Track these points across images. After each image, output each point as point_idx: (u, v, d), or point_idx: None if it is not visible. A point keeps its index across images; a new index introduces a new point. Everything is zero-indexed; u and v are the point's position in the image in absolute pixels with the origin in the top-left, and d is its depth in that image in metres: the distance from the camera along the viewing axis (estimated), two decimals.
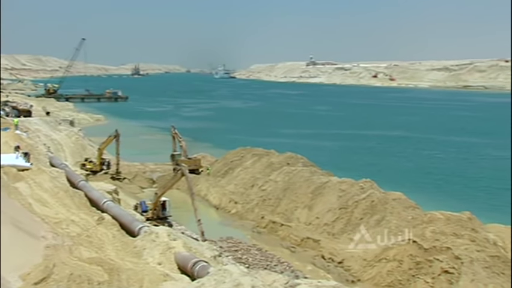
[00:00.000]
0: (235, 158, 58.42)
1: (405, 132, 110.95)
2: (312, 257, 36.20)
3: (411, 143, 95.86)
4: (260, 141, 73.41)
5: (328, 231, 38.55)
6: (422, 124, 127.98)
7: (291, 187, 45.74)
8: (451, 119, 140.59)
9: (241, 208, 47.86)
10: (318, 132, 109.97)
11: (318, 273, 33.58)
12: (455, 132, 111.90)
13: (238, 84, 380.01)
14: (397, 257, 30.58)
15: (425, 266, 28.92)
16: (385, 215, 36.31)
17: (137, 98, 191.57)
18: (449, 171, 69.50)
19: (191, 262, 22.73)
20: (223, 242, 39.33)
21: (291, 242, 39.19)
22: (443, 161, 77.36)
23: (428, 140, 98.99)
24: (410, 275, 29.20)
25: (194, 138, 78.00)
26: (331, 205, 40.53)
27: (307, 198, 43.02)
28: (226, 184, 53.91)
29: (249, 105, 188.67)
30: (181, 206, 45.40)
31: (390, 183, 48.20)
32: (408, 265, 29.66)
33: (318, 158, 60.00)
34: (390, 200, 38.26)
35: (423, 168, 71.04)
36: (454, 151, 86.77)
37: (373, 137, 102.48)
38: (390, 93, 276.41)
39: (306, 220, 41.21)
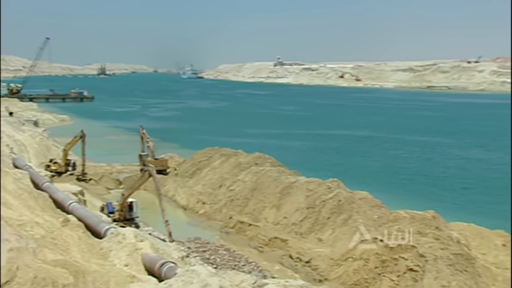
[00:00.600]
0: (203, 158, 58.24)
1: (371, 132, 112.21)
2: (280, 257, 36.34)
3: (377, 142, 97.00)
4: (228, 142, 73.35)
5: (296, 230, 38.76)
6: (388, 124, 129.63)
7: (259, 187, 45.83)
8: (415, 119, 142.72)
9: (209, 208, 47.74)
10: (286, 132, 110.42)
11: (285, 272, 33.72)
12: (420, 132, 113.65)
13: (206, 84, 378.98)
14: (363, 256, 30.91)
15: (391, 265, 29.30)
16: (352, 214, 36.70)
17: (104, 98, 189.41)
18: (414, 170, 70.61)
19: (158, 263, 22.56)
20: (191, 242, 39.16)
21: (259, 242, 39.26)
22: (408, 161, 78.54)
23: (394, 140, 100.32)
24: (376, 274, 29.55)
25: (161, 139, 77.47)
26: (299, 205, 40.75)
27: (275, 198, 43.17)
28: (194, 184, 53.70)
29: (217, 105, 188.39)
30: (149, 207, 45.04)
31: (357, 183, 48.75)
32: (374, 264, 30.00)
33: (285, 158, 60.30)
34: (357, 199, 38.69)
35: (389, 168, 72.00)
36: (419, 151, 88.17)
37: (340, 137, 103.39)
38: (356, 93, 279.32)
39: (274, 220, 41.35)
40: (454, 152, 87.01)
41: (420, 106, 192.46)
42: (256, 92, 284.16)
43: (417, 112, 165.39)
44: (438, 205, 41.57)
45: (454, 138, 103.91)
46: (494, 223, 37.40)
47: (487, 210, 49.07)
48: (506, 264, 30.47)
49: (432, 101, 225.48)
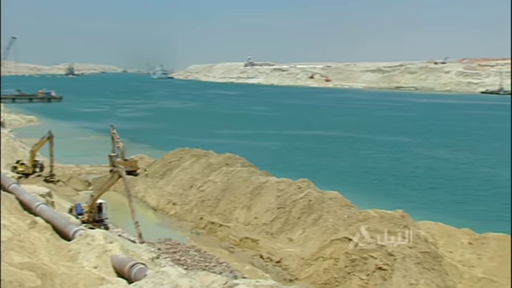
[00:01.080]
0: (174, 158, 57.95)
1: (341, 132, 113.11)
2: (251, 257, 36.39)
3: (347, 143, 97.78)
4: (199, 142, 73.12)
5: (266, 230, 38.87)
6: (357, 124, 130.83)
7: (230, 187, 45.80)
8: (384, 119, 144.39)
9: (180, 209, 47.53)
10: (257, 132, 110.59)
11: (256, 272, 33.79)
12: (389, 132, 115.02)
13: (176, 85, 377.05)
14: (333, 255, 31.17)
15: (360, 264, 29.62)
16: (322, 214, 36.96)
17: (72, 99, 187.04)
18: (383, 170, 71.38)
19: (128, 265, 22.34)
20: (162, 243, 38.94)
21: (230, 242, 39.25)
22: (377, 161, 79.37)
23: (364, 140, 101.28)
24: (346, 273, 29.83)
25: (131, 139, 76.86)
26: (269, 205, 40.86)
27: (246, 199, 43.20)
28: (164, 185, 53.40)
29: (188, 105, 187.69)
30: (119, 208, 44.60)
31: (327, 183, 49.08)
32: (344, 263, 30.28)
33: (256, 159, 60.42)
34: (327, 199, 38.99)
35: (359, 168, 72.65)
36: (388, 151, 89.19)
37: (310, 137, 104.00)
38: (326, 93, 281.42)
39: (245, 220, 41.39)
40: (422, 151, 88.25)
41: (389, 106, 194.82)
42: (227, 92, 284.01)
43: (386, 112, 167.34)
44: (407, 204, 42.18)
45: (422, 138, 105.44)
46: (461, 222, 38.10)
47: (453, 209, 49.96)
48: (472, 262, 31.08)
49: (400, 101, 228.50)
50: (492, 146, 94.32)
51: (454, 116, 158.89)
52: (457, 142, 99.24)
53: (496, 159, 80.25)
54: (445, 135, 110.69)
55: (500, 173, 68.80)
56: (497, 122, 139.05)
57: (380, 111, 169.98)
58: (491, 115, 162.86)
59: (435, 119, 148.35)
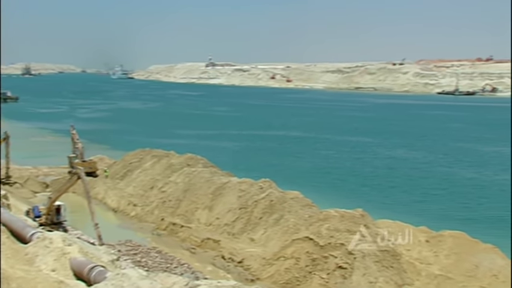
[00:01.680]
0: (134, 159, 57.36)
1: (302, 132, 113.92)
2: (213, 258, 36.32)
3: (308, 143, 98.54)
4: (160, 143, 72.54)
5: (228, 231, 38.85)
6: (319, 124, 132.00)
7: (191, 188, 45.60)
8: (345, 119, 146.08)
9: (141, 210, 47.08)
10: (218, 133, 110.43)
11: (218, 273, 33.74)
12: (349, 132, 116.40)
13: (137, 85, 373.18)
14: (295, 255, 31.38)
15: (321, 263, 29.92)
16: (283, 214, 37.16)
17: (29, 99, 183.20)
18: (344, 170, 72.17)
19: (87, 267, 21.99)
20: (122, 245, 38.48)
21: (192, 243, 39.09)
22: (338, 161, 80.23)
23: (325, 140, 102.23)
24: (307, 272, 30.08)
25: (91, 140, 75.69)
26: (231, 205, 40.86)
27: (208, 199, 43.09)
28: (124, 186, 52.80)
29: (148, 106, 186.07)
30: (78, 210, 43.91)
31: (289, 183, 49.38)
32: (305, 262, 30.53)
33: (218, 159, 60.33)
34: (288, 199, 39.21)
35: (320, 168, 73.32)
36: (349, 151, 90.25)
37: (272, 138, 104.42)
38: (287, 94, 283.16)
39: (207, 221, 41.27)
40: (382, 151, 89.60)
41: (349, 107, 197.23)
42: (188, 92, 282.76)
43: (347, 113, 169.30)
44: (367, 204, 42.81)
45: (382, 138, 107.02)
46: (419, 220, 38.85)
47: (411, 208, 50.85)
48: (429, 260, 31.76)
49: (360, 101, 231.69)
50: (449, 145, 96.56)
51: (412, 116, 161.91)
52: (415, 142, 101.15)
53: (452, 158, 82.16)
54: (404, 135, 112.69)
55: (457, 172, 70.50)
56: (453, 122, 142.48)
57: (341, 112, 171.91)
58: (447, 115, 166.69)
59: (394, 119, 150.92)
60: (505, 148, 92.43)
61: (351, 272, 28.38)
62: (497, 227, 43.65)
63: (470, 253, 31.00)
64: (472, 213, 48.76)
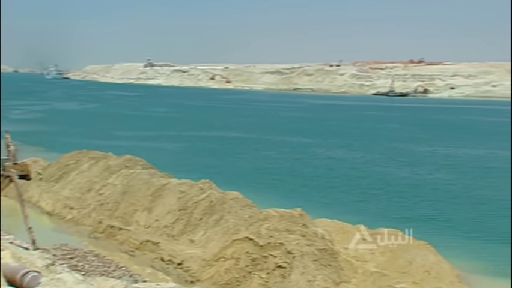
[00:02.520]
0: (71, 161, 55.93)
1: (243, 133, 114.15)
2: (152, 260, 35.89)
3: (249, 144, 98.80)
4: (97, 144, 71.07)
5: (168, 233, 38.50)
6: (259, 125, 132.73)
7: (130, 190, 44.91)
8: (284, 120, 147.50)
9: (77, 214, 45.94)
10: (158, 134, 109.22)
11: (157, 275, 33.37)
12: (289, 132, 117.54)
13: (73, 85, 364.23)
14: (234, 255, 31.43)
15: (261, 262, 30.10)
16: (223, 215, 37.16)
17: None
18: (284, 170, 72.65)
19: (20, 273, 21.21)
20: (57, 249, 37.40)
21: (130, 246, 38.48)
22: (278, 161, 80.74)
23: (265, 141, 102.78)
24: (247, 272, 30.19)
25: (24, 142, 73.11)
26: (171, 207, 40.52)
27: (147, 201, 42.57)
28: (60, 189, 51.40)
29: (85, 106, 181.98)
30: (10, 215, 42.26)
31: (229, 184, 49.39)
32: (245, 262, 30.62)
33: (157, 160, 59.61)
34: (228, 199, 39.25)
35: (260, 168, 73.60)
36: (289, 151, 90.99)
37: (212, 139, 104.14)
38: (227, 95, 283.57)
39: (146, 223, 40.76)
40: (322, 152, 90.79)
41: (288, 107, 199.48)
42: (126, 93, 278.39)
43: (286, 113, 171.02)
44: (307, 203, 43.30)
45: (321, 138, 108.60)
46: (356, 219, 39.58)
47: (350, 207, 51.73)
48: (366, 257, 32.56)
49: (299, 102, 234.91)
50: (385, 145, 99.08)
51: (350, 116, 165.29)
52: (353, 142, 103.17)
53: (388, 158, 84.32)
54: (342, 135, 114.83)
55: (393, 171, 72.34)
56: (388, 123, 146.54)
57: (280, 112, 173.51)
58: (382, 116, 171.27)
59: (333, 119, 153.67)
60: (437, 148, 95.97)
61: (290, 271, 28.69)
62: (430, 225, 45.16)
63: (404, 250, 32.05)
64: (407, 212, 50.17)
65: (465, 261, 35.14)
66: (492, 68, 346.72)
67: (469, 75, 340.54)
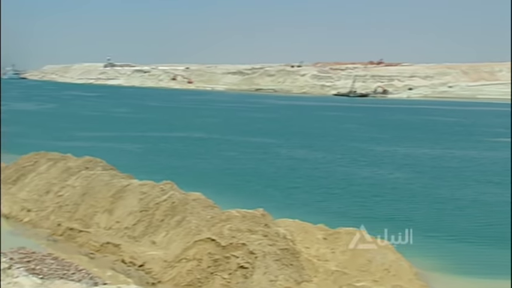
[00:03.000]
0: (28, 163, 54.63)
1: (205, 134, 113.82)
2: (112, 262, 35.45)
3: (212, 144, 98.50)
4: (56, 145, 69.80)
5: (129, 234, 38.06)
6: (221, 126, 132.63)
7: (90, 192, 44.19)
8: (247, 121, 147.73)
9: (35, 216, 44.95)
10: (119, 134, 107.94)
11: (118, 278, 32.98)
12: (252, 133, 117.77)
13: (30, 85, 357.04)
14: (197, 256, 31.32)
15: (223, 263, 30.08)
16: (185, 216, 36.93)
17: None
18: (247, 171, 72.69)
19: None
20: (14, 253, 36.45)
21: (90, 248, 37.91)
22: (241, 162, 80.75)
23: (228, 142, 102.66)
24: (209, 273, 30.13)
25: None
26: (132, 208, 40.08)
27: (108, 202, 41.97)
28: (17, 191, 50.17)
29: (43, 107, 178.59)
30: None
31: (191, 185, 49.04)
32: (207, 263, 30.56)
33: (118, 161, 58.77)
34: (191, 200, 39.01)
35: (223, 169, 73.42)
36: (252, 152, 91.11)
37: (175, 139, 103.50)
38: (189, 95, 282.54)
39: (106, 225, 40.19)
40: (285, 152, 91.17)
41: (251, 108, 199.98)
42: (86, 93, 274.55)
43: (249, 114, 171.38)
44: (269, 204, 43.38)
45: (284, 139, 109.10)
46: (318, 218, 39.88)
47: (312, 207, 52.12)
48: (327, 256, 32.90)
49: (261, 103, 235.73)
50: (346, 145, 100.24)
51: (311, 117, 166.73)
52: (315, 142, 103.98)
53: (349, 158, 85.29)
54: (304, 135, 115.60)
55: (354, 171, 73.20)
56: (349, 123, 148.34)
57: (243, 113, 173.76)
58: (343, 116, 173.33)
59: (295, 120, 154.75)
60: (397, 148, 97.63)
61: (253, 271, 28.75)
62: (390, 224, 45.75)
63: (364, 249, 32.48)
64: (367, 211, 50.83)
65: (423, 259, 35.86)
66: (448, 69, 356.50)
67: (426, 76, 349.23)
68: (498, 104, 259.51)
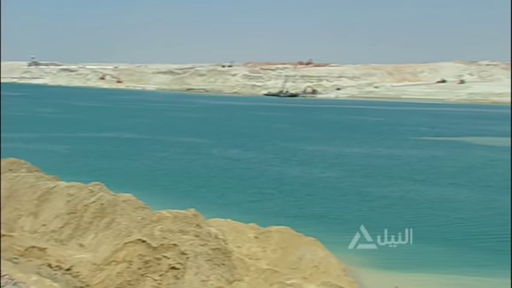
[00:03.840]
0: None
1: (137, 134, 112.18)
2: (38, 267, 34.13)
3: (143, 145, 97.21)
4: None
5: (55, 238, 36.83)
6: (153, 126, 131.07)
7: (14, 194, 42.42)
8: (179, 121, 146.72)
9: None
10: (44, 135, 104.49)
11: (44, 283, 31.74)
12: (184, 133, 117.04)
13: None
14: (127, 258, 30.70)
15: (154, 264, 29.66)
16: (115, 217, 36.16)
17: None
18: (179, 171, 72.11)
19: None
20: None
21: (14, 253, 36.36)
22: (174, 162, 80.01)
23: (159, 142, 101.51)
24: (140, 275, 29.62)
25: None
26: (58, 211, 38.81)
27: (33, 205, 40.45)
28: None
29: None
30: None
31: (122, 186, 48.23)
32: (138, 265, 30.03)
33: (44, 163, 56.76)
34: (120, 202, 38.22)
35: (154, 170, 72.55)
36: (184, 152, 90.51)
37: (105, 140, 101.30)
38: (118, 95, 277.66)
39: (31, 228, 38.73)
40: (217, 152, 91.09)
41: (182, 108, 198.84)
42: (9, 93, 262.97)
43: (181, 114, 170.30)
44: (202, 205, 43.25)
45: (216, 139, 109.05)
46: (251, 218, 40.10)
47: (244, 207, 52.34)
48: (258, 255, 33.19)
49: (193, 103, 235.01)
50: (278, 145, 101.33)
51: (243, 117, 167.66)
52: (248, 142, 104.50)
53: (281, 157, 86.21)
54: (236, 135, 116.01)
55: (286, 171, 73.95)
56: (280, 123, 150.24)
57: (174, 113, 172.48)
58: (274, 116, 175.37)
59: (227, 120, 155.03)
60: (328, 147, 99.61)
61: (184, 271, 28.52)
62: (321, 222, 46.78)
63: (294, 246, 32.97)
64: (300, 210, 51.56)
65: (352, 255, 36.74)
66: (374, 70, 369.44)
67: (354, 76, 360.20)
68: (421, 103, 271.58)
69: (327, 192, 60.01)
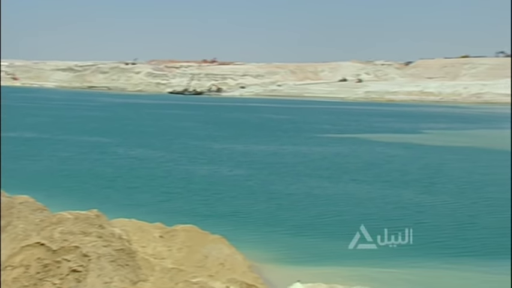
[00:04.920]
0: None
1: (37, 133, 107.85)
2: None
3: (44, 145, 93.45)
4: None
5: None
6: (53, 125, 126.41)
7: None
8: (81, 119, 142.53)
9: None
10: None
11: None
12: (88, 132, 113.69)
13: None
14: (24, 263, 29.30)
15: (53, 268, 28.50)
16: (11, 220, 34.35)
17: None
18: (83, 172, 69.69)
19: None
20: None
21: None
22: (77, 162, 77.29)
23: (62, 141, 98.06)
24: (38, 279, 28.35)
25: None
26: None
27: None
28: None
29: None
30: None
31: (19, 188, 45.70)
32: (36, 269, 28.73)
33: None
34: (17, 204, 36.35)
35: (56, 170, 69.83)
36: (88, 152, 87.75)
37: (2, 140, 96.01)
38: (15, 93, 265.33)
39: None
40: (123, 152, 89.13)
41: (84, 106, 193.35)
42: None
43: (83, 112, 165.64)
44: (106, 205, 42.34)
45: (121, 138, 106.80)
46: (157, 217, 39.47)
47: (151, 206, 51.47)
48: (163, 254, 32.86)
49: (95, 101, 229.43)
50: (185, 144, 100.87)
51: (148, 115, 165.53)
52: (154, 141, 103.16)
53: (189, 156, 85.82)
54: (142, 134, 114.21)
55: (194, 170, 73.52)
56: (186, 121, 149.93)
57: (76, 111, 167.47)
58: (180, 114, 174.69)
59: (131, 118, 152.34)
60: (235, 145, 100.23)
61: (86, 274, 27.62)
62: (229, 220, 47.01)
63: (200, 245, 32.90)
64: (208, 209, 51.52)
65: (257, 252, 37.34)
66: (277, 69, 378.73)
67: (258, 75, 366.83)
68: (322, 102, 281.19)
69: (235, 191, 60.27)
